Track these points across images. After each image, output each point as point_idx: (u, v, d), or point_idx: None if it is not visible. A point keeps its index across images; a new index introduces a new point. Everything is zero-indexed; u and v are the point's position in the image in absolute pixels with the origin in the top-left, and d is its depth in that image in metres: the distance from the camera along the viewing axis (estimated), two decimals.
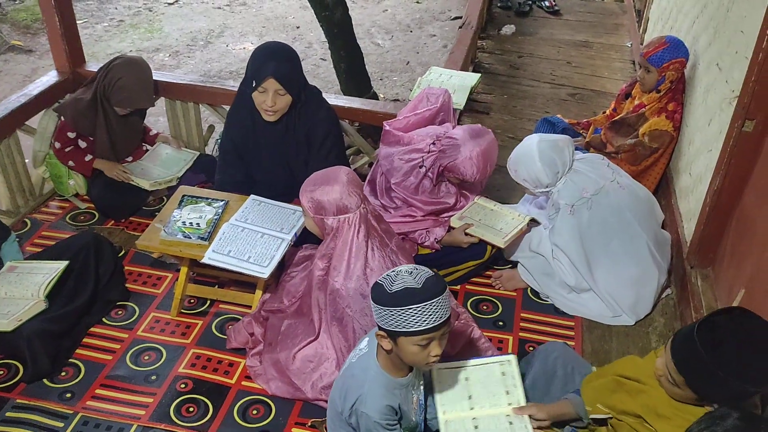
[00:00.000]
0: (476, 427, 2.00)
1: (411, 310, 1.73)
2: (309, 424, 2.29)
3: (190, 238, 2.56)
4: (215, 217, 2.66)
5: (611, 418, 1.84)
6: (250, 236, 2.55)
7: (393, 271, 1.81)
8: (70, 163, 3.18)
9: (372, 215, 2.35)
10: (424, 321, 1.74)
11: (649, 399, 1.76)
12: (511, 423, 2.00)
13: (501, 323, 2.74)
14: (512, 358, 2.14)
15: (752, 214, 2.42)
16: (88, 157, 3.18)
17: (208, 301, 2.77)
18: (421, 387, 2.06)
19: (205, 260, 2.49)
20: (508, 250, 2.93)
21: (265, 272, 2.44)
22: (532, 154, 2.71)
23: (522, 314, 2.79)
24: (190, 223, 2.61)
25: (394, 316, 1.74)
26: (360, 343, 2.00)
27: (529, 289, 2.90)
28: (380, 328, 1.81)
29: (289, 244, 2.55)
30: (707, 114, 2.88)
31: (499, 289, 2.92)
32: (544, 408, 2.02)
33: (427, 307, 1.74)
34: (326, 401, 2.20)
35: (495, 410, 2.04)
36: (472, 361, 2.17)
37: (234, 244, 2.52)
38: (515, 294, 2.89)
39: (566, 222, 2.73)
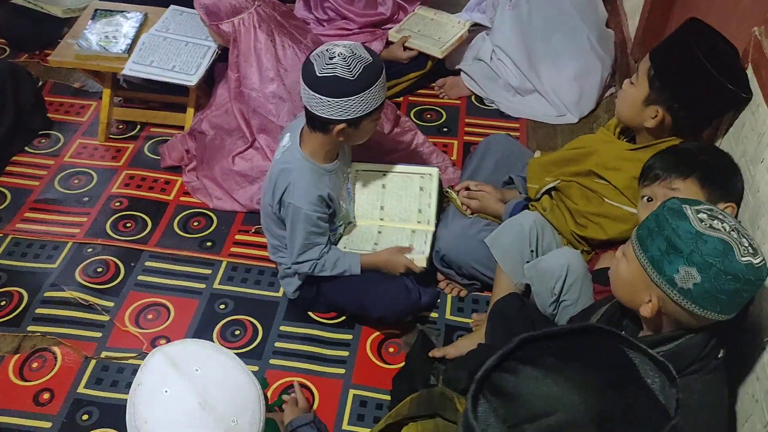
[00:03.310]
0: (379, 232, 2.02)
1: (375, 89, 1.69)
2: (253, 230, 2.24)
3: (108, 50, 2.37)
4: (133, 29, 2.46)
5: (559, 182, 1.82)
6: (173, 45, 2.38)
7: (331, 57, 1.66)
8: None
9: (278, 12, 2.20)
10: (383, 94, 1.72)
11: (599, 157, 1.75)
12: (413, 232, 2.01)
13: (446, 129, 2.68)
14: (434, 172, 2.08)
15: None
16: None
17: (139, 126, 2.62)
18: (349, 176, 2.01)
19: (125, 72, 2.32)
20: (451, 60, 2.83)
21: (192, 80, 2.29)
22: None
23: (467, 120, 2.72)
24: (106, 35, 2.42)
25: (362, 101, 1.68)
26: (281, 140, 1.90)
27: (473, 96, 2.82)
28: (338, 121, 1.71)
29: (216, 52, 2.38)
30: None
31: (443, 98, 2.84)
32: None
33: (383, 78, 1.71)
34: None
35: (402, 224, 2.04)
36: (394, 167, 2.10)
37: (156, 54, 2.35)
38: (459, 102, 2.81)
39: (506, 18, 2.63)
